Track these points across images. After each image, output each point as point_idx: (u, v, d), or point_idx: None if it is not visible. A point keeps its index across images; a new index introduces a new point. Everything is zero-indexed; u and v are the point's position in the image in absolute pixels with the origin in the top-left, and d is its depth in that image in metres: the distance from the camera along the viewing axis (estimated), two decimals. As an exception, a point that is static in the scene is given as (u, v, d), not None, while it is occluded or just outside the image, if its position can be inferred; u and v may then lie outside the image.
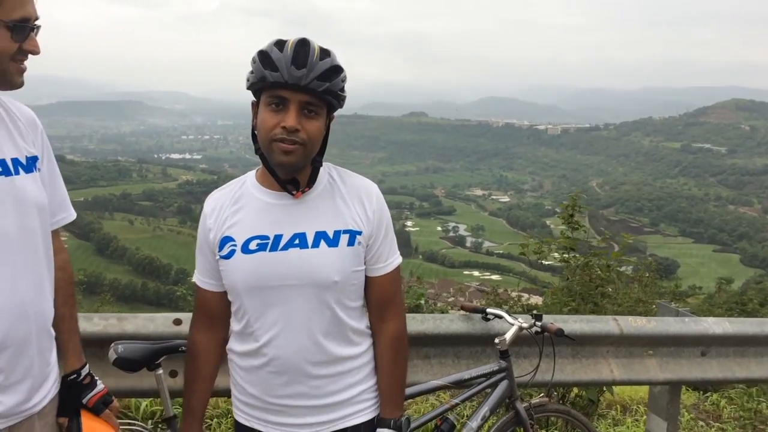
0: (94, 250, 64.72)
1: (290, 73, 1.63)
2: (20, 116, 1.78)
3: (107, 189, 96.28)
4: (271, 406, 1.84)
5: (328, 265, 1.77)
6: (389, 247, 1.89)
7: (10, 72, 1.60)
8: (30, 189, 1.72)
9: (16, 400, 1.70)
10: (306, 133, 1.68)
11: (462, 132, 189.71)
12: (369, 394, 1.92)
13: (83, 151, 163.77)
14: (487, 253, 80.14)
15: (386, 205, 1.91)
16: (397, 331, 1.93)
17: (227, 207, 1.85)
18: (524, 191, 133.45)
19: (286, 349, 1.79)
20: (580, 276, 4.59)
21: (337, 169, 1.91)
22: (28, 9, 1.56)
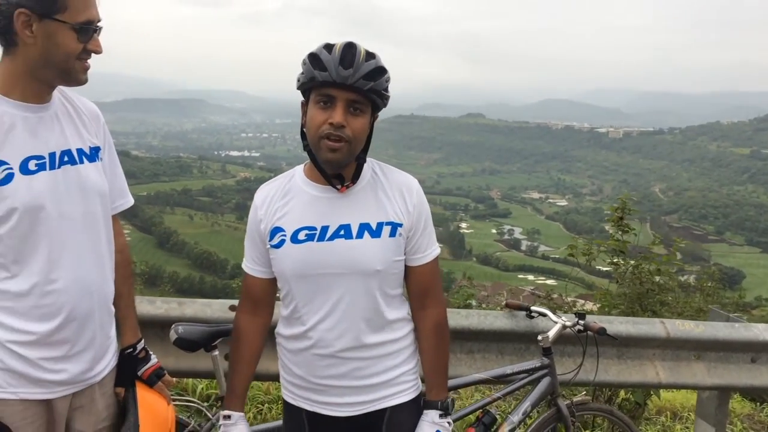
0: (155, 243, 66.65)
1: (338, 72, 1.75)
2: (84, 110, 1.94)
3: (169, 184, 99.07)
4: (315, 386, 1.96)
5: (371, 255, 1.88)
6: (428, 239, 1.99)
7: (75, 70, 1.75)
8: (93, 177, 1.89)
9: (80, 368, 1.87)
10: (351, 130, 1.79)
11: (520, 134, 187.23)
12: (409, 376, 2.02)
13: (147, 147, 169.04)
14: (542, 257, 78.90)
15: (425, 199, 2.01)
16: (438, 317, 2.02)
17: (277, 199, 1.97)
18: (583, 195, 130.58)
19: (330, 333, 1.91)
20: (630, 280, 4.54)
21: (380, 165, 2.01)
22: (91, 12, 1.72)
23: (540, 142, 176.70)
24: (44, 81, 1.76)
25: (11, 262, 1.73)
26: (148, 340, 2.85)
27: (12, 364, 1.75)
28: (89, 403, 1.94)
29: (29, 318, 1.76)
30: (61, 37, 1.68)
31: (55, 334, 1.80)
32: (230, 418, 2.02)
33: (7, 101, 1.73)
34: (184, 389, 3.92)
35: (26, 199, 1.72)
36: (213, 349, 2.58)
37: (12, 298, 1.74)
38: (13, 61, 1.71)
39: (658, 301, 4.49)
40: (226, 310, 2.98)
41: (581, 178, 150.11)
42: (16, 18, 1.63)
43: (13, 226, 1.71)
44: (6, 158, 1.70)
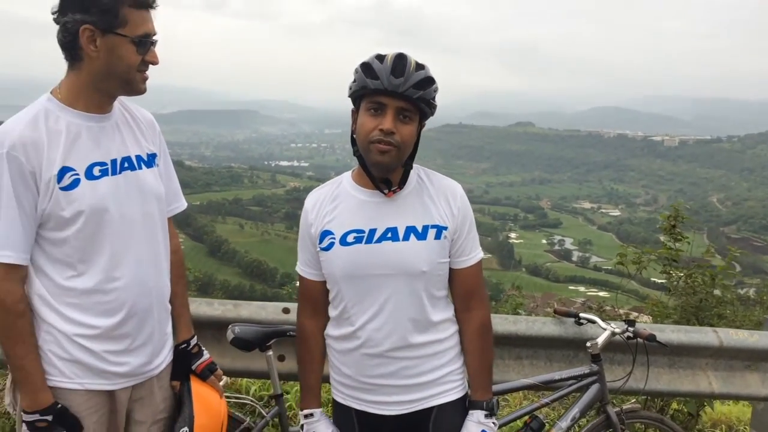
0: (207, 252, 67.78)
1: (389, 81, 1.83)
2: (142, 119, 2.09)
3: (220, 194, 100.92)
4: (364, 385, 2.03)
5: (417, 257, 1.95)
6: (472, 242, 2.06)
7: (136, 81, 1.89)
8: (151, 181, 2.03)
9: (140, 361, 2.00)
10: (400, 136, 1.87)
11: (571, 142, 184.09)
12: (455, 375, 2.07)
13: (200, 157, 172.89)
14: (594, 268, 77.15)
15: (469, 204, 2.09)
16: (483, 318, 2.09)
17: (326, 203, 2.05)
18: (636, 205, 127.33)
19: (378, 333, 1.98)
20: (683, 289, 4.46)
21: (425, 171, 2.09)
22: (148, 26, 1.85)
23: (591, 151, 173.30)
24: (106, 92, 1.90)
25: (77, 261, 1.87)
26: (205, 340, 2.99)
27: (79, 356, 1.89)
28: (148, 395, 2.06)
29: (94, 313, 1.89)
30: (122, 50, 1.81)
31: (117, 329, 1.93)
32: (313, 416, 2.11)
33: (73, 112, 1.87)
34: (238, 390, 4.03)
35: (91, 203, 1.85)
36: (267, 350, 2.68)
37: (78, 295, 1.87)
38: (78, 75, 1.85)
39: (715, 314, 4.39)
40: (280, 313, 3.08)
41: (635, 187, 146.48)
42: (82, 34, 1.78)
43: (80, 228, 1.84)
44: (73, 165, 1.84)
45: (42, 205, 1.82)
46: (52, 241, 1.86)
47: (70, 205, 1.83)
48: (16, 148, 1.77)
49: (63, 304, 1.87)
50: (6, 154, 1.76)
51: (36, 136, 1.80)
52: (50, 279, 1.87)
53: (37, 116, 1.83)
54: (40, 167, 1.80)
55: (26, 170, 1.78)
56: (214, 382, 2.24)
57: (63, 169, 1.82)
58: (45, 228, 1.85)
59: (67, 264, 1.87)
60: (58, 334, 1.87)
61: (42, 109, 1.85)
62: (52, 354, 1.88)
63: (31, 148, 1.79)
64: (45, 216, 1.83)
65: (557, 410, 3.91)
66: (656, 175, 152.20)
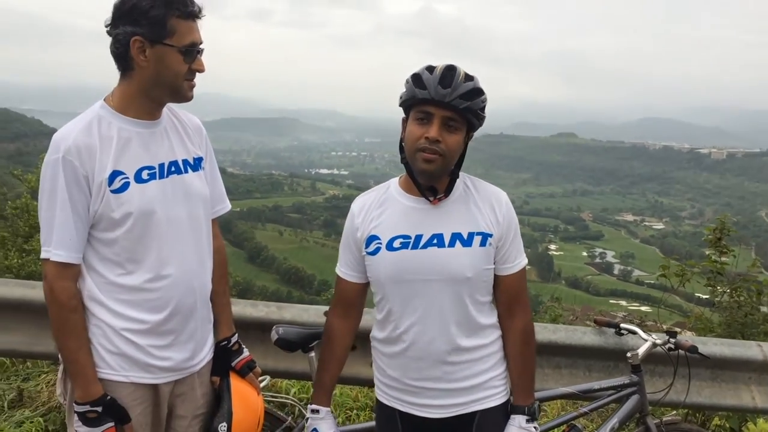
0: (246, 258, 68.61)
1: (437, 91, 1.88)
2: (189, 124, 2.17)
3: (261, 201, 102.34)
4: (408, 387, 2.07)
5: (462, 263, 1.98)
6: (516, 249, 2.08)
7: (183, 88, 1.98)
8: (196, 184, 2.11)
9: (183, 357, 2.08)
10: (446, 145, 1.91)
11: (614, 154, 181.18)
12: (498, 381, 2.09)
13: (242, 164, 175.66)
14: (636, 282, 75.50)
15: (514, 211, 2.11)
16: (525, 325, 2.10)
17: (373, 209, 2.10)
18: (681, 218, 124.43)
19: (423, 336, 2.01)
20: (728, 303, 4.37)
21: (471, 178, 2.11)
22: (195, 35, 1.94)
23: (636, 163, 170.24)
24: (156, 99, 1.99)
25: (126, 260, 1.95)
26: (249, 341, 3.06)
27: (125, 350, 1.97)
28: (190, 390, 2.13)
29: (142, 309, 1.98)
30: (170, 59, 1.90)
31: (163, 325, 2.01)
32: (318, 413, 2.16)
33: (124, 118, 1.96)
34: (278, 391, 4.11)
35: (140, 205, 1.94)
36: (310, 351, 2.72)
37: (127, 292, 1.96)
38: (130, 83, 1.95)
39: (762, 331, 4.29)
40: (321, 315, 3.14)
41: (680, 200, 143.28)
42: (132, 45, 1.87)
43: (129, 229, 1.93)
44: (123, 169, 1.93)
45: (94, 206, 1.91)
46: (103, 241, 1.95)
47: (120, 207, 1.91)
48: (71, 152, 1.87)
49: (112, 300, 1.96)
50: (62, 158, 1.86)
51: (89, 142, 1.90)
52: (101, 276, 1.96)
53: (91, 122, 1.93)
54: (93, 171, 1.89)
55: (80, 174, 1.87)
56: (252, 379, 2.29)
57: (114, 173, 1.91)
58: (96, 229, 1.94)
59: (116, 263, 1.96)
60: (106, 328, 1.96)
61: (95, 116, 1.95)
62: (101, 347, 1.96)
63: (84, 152, 1.88)
64: (97, 217, 1.92)
65: (595, 421, 3.87)
66: (703, 188, 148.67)
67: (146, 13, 1.84)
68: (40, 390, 3.81)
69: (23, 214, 8.43)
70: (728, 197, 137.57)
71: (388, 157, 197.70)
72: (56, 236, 1.88)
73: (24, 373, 4.00)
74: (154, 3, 1.85)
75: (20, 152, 72.15)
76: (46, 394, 3.75)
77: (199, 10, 1.94)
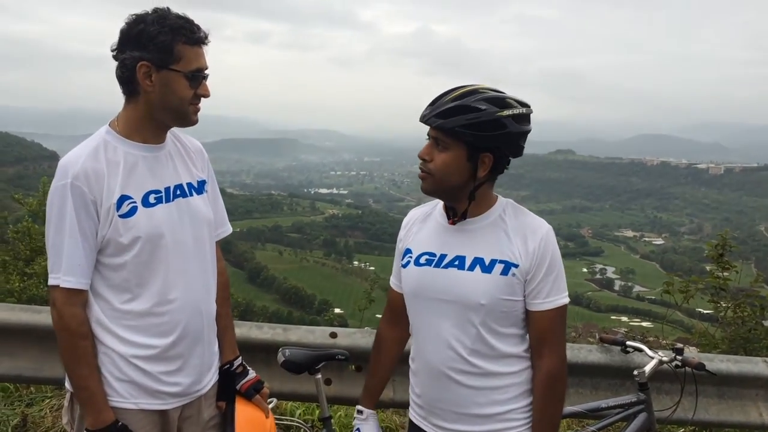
0: (246, 278, 68.35)
1: (424, 111, 1.93)
2: (191, 147, 2.20)
3: (260, 221, 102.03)
4: (429, 406, 2.07)
5: (477, 288, 1.95)
6: (552, 286, 1.96)
7: (188, 113, 2.00)
8: (201, 207, 2.12)
9: (190, 381, 2.08)
10: (434, 164, 1.92)
11: (612, 170, 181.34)
12: (519, 414, 2.01)
13: (241, 185, 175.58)
14: (637, 297, 75.28)
15: (556, 247, 1.99)
16: (551, 369, 1.97)
17: (418, 222, 2.15)
18: (681, 234, 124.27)
19: (433, 356, 2.02)
20: (731, 319, 4.37)
21: (515, 206, 2.05)
22: (201, 61, 1.96)
23: (634, 179, 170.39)
24: (161, 123, 2.01)
25: (134, 285, 1.96)
26: (255, 363, 3.05)
27: (134, 377, 1.97)
28: (197, 413, 2.13)
29: (149, 334, 1.98)
30: (176, 85, 1.92)
31: (171, 349, 2.01)
32: (362, 414, 2.22)
33: (130, 143, 1.98)
34: (283, 413, 4.09)
35: (148, 229, 1.95)
36: (316, 373, 2.72)
37: (135, 317, 1.97)
38: (135, 108, 1.97)
39: (765, 346, 4.28)
40: (327, 337, 3.15)
41: (679, 216, 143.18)
42: (138, 69, 1.89)
43: (137, 253, 1.94)
44: (130, 193, 1.94)
45: (102, 231, 1.92)
46: (111, 267, 1.95)
47: (128, 231, 1.92)
48: (79, 178, 1.88)
49: (120, 327, 1.96)
50: (70, 184, 1.87)
51: (97, 167, 1.91)
52: (108, 303, 1.96)
53: (98, 147, 1.94)
54: (101, 196, 1.90)
55: (88, 199, 1.88)
56: (259, 401, 2.28)
57: (121, 198, 1.92)
58: (104, 254, 1.95)
59: (124, 288, 1.96)
60: (114, 355, 1.96)
61: (102, 141, 1.96)
62: (109, 374, 1.96)
63: (92, 178, 1.89)
64: (105, 242, 1.93)
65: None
66: (701, 203, 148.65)
67: (154, 38, 1.86)
68: (44, 415, 3.79)
69: (24, 237, 8.41)
70: (727, 212, 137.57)
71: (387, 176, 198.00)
72: (66, 262, 1.89)
73: (28, 398, 3.98)
74: (162, 29, 1.87)
75: (20, 176, 72.21)
76: (50, 419, 3.72)
77: (206, 36, 1.96)
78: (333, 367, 3.11)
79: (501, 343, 1.98)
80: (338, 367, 3.15)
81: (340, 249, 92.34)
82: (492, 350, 1.98)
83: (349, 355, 2.80)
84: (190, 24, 1.92)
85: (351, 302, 13.88)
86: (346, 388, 3.12)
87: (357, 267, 76.13)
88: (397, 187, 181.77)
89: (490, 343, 1.97)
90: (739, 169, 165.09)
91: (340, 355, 2.75)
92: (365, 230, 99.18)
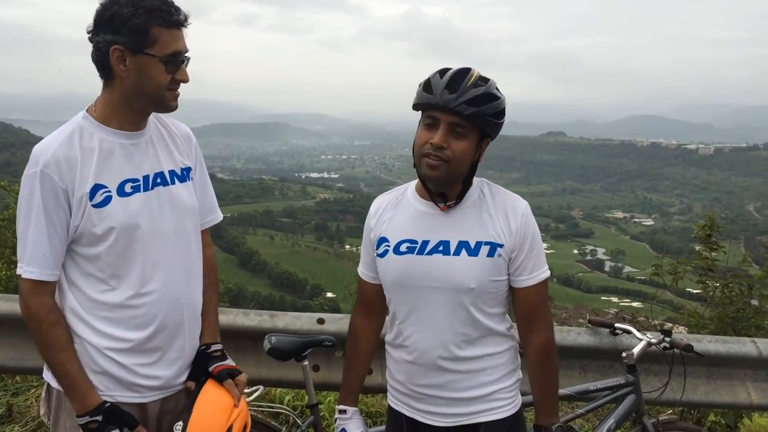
0: (238, 263, 68.30)
1: (442, 96, 1.83)
2: (178, 132, 2.11)
3: (251, 206, 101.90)
4: (414, 393, 2.05)
5: (466, 272, 1.93)
6: (534, 261, 1.98)
7: (166, 98, 1.90)
8: (184, 196, 2.04)
9: (170, 374, 2.02)
10: (452, 152, 1.86)
11: (603, 152, 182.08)
12: (506, 393, 2.03)
13: (231, 170, 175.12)
14: (627, 278, 75.86)
15: (534, 222, 2.02)
16: (545, 341, 2.02)
17: (388, 210, 2.09)
18: (670, 214, 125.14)
19: (423, 343, 1.99)
20: (720, 299, 4.38)
21: (490, 185, 2.06)
22: (179, 44, 1.86)
23: (624, 160, 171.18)
24: (138, 109, 1.93)
25: (110, 277, 1.90)
26: (242, 351, 3.04)
27: (109, 369, 1.91)
28: (176, 407, 2.05)
29: (125, 327, 1.91)
30: (151, 70, 1.83)
31: (147, 342, 1.95)
32: (346, 413, 2.17)
33: (107, 129, 1.90)
34: (272, 400, 4.08)
35: (122, 220, 1.87)
36: (303, 359, 2.71)
37: (110, 309, 1.90)
38: (111, 93, 1.89)
39: (753, 324, 4.30)
40: (315, 323, 3.12)
41: (669, 196, 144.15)
42: (112, 54, 1.80)
43: (112, 244, 1.87)
44: (105, 182, 1.87)
45: (74, 221, 1.85)
46: (85, 257, 1.89)
47: (101, 222, 1.85)
48: (50, 166, 1.81)
49: (95, 318, 1.90)
50: (40, 172, 1.80)
51: (70, 154, 1.83)
52: (83, 293, 1.90)
53: (72, 134, 1.87)
54: (73, 185, 1.83)
55: (59, 188, 1.81)
56: (230, 386, 2.09)
57: (95, 187, 1.85)
58: (78, 244, 1.89)
59: (99, 279, 1.90)
60: (89, 347, 1.90)
61: (77, 127, 1.89)
62: (85, 366, 1.90)
63: (64, 165, 1.82)
64: (78, 233, 1.86)
65: (591, 421, 3.87)
66: (691, 183, 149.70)
67: (127, 21, 1.77)
68: (30, 405, 3.76)
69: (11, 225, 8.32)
70: (716, 192, 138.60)
71: (378, 159, 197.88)
72: (29, 253, 1.83)
73: (13, 388, 3.95)
74: (136, 11, 1.77)
75: (7, 162, 71.49)
76: (36, 409, 3.70)
77: (185, 18, 1.86)
78: (320, 354, 3.09)
79: (490, 323, 1.99)
80: (326, 354, 3.12)
81: (331, 233, 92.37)
82: (482, 331, 1.98)
83: (337, 341, 2.76)
84: (167, 5, 1.83)
85: (343, 286, 13.90)
86: (334, 375, 3.09)
87: (349, 251, 76.16)
88: (388, 170, 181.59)
89: (481, 324, 1.97)
90: (728, 150, 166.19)
91: (327, 342, 2.72)
92: (357, 214, 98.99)
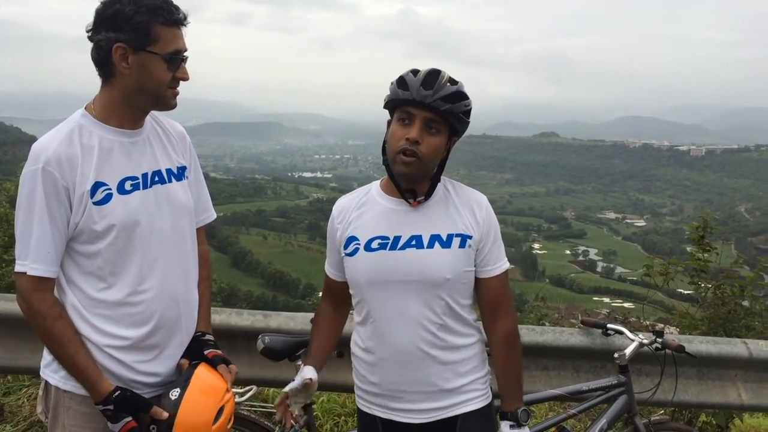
0: (231, 263, 68.04)
1: (419, 92, 1.89)
2: (173, 131, 2.13)
3: (244, 205, 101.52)
4: (390, 392, 2.05)
5: (441, 264, 1.98)
6: (497, 252, 2.08)
7: (167, 97, 1.92)
8: (180, 194, 2.06)
9: (169, 370, 2.03)
10: (426, 147, 1.92)
11: (595, 152, 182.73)
12: (479, 384, 2.09)
13: (225, 169, 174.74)
14: (619, 279, 76.07)
15: (494, 215, 2.11)
16: (509, 329, 2.09)
17: (353, 210, 2.11)
18: (662, 215, 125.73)
19: (400, 339, 2.01)
20: (711, 300, 4.41)
21: (452, 182, 2.13)
22: (179, 43, 1.89)
23: (617, 161, 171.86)
24: (139, 108, 1.94)
25: (108, 274, 1.91)
26: (235, 350, 3.04)
27: (109, 367, 1.92)
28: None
29: (123, 324, 1.93)
30: (153, 67, 1.85)
31: (146, 340, 1.96)
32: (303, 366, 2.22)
33: (106, 128, 1.91)
34: (265, 400, 4.08)
35: (122, 217, 1.89)
36: (296, 359, 2.70)
37: (109, 307, 1.92)
38: (111, 91, 1.90)
39: (743, 325, 4.33)
40: (308, 323, 3.09)
41: (661, 197, 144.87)
42: (114, 51, 1.82)
43: (111, 241, 1.88)
44: (105, 180, 1.88)
45: (75, 219, 1.86)
46: (85, 254, 1.90)
47: (102, 219, 1.87)
48: (51, 163, 1.81)
49: (94, 316, 1.91)
50: (41, 169, 1.81)
51: (71, 152, 1.84)
52: (82, 291, 1.91)
53: (72, 132, 1.88)
54: (74, 182, 1.84)
55: (60, 185, 1.82)
56: (224, 370, 2.08)
57: (96, 184, 1.86)
58: (77, 241, 1.89)
59: (98, 276, 1.91)
60: (89, 344, 1.91)
61: (76, 125, 1.89)
62: None
63: (65, 163, 1.83)
64: (78, 230, 1.87)
65: (584, 422, 3.88)
66: (682, 185, 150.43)
67: (130, 19, 1.79)
68: (22, 404, 3.75)
69: (2, 223, 8.28)
70: (707, 193, 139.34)
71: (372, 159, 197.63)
72: (33, 250, 1.83)
73: (5, 387, 3.93)
74: (138, 9, 1.79)
75: (-2, 161, 71.16)
76: (28, 408, 3.68)
77: (185, 17, 1.89)
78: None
79: (464, 313, 2.05)
80: (320, 353, 3.12)
81: (324, 232, 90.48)
82: (457, 322, 2.04)
83: (330, 341, 2.76)
84: (168, 4, 1.85)
85: (336, 286, 13.68)
86: (327, 374, 3.06)
87: (342, 251, 75.84)
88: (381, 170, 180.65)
89: (457, 314, 2.03)
90: (720, 151, 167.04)
91: (322, 341, 2.72)
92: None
